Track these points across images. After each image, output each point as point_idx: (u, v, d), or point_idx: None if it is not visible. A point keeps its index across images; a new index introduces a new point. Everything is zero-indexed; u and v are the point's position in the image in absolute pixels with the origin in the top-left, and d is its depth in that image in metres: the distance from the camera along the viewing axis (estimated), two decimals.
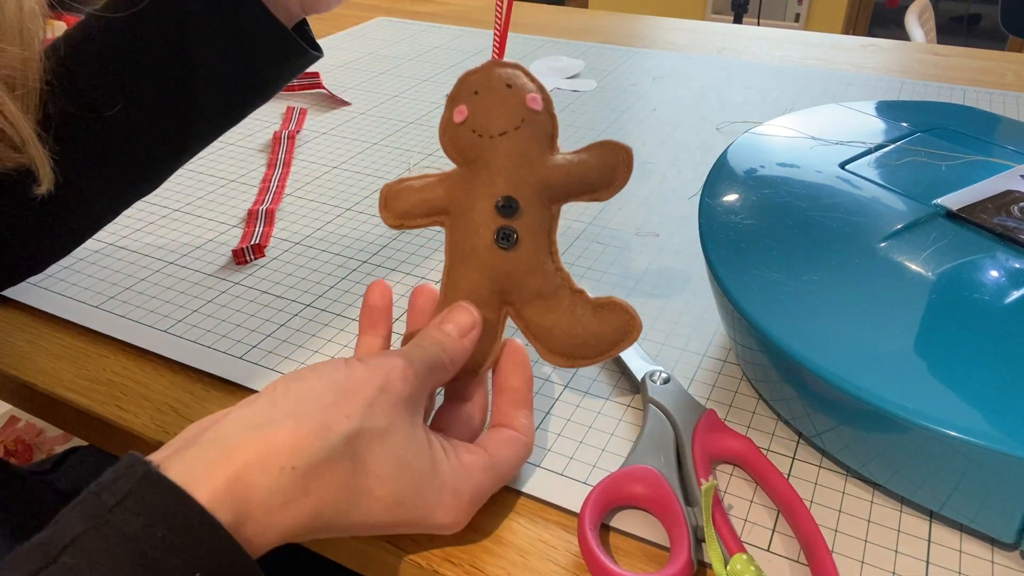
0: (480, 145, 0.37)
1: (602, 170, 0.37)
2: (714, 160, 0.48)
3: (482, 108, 0.37)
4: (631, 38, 1.02)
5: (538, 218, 0.37)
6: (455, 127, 0.37)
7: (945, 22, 3.70)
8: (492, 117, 0.37)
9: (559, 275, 0.37)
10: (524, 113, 0.37)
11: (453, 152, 0.38)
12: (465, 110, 0.37)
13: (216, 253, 0.55)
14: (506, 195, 0.36)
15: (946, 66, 0.90)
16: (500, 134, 0.36)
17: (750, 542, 0.33)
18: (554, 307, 0.37)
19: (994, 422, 0.30)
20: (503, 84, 0.37)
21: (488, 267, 0.36)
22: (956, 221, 0.41)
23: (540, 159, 0.37)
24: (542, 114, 0.37)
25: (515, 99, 0.37)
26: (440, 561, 0.33)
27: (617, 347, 0.37)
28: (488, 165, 0.37)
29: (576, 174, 0.37)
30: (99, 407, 0.42)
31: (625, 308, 0.37)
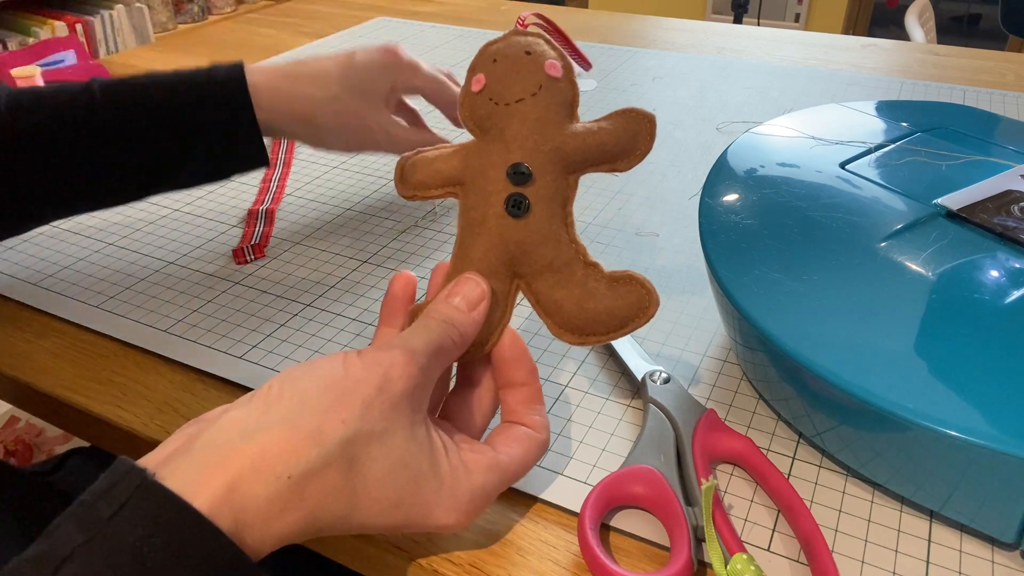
0: (497, 113, 0.36)
1: (622, 138, 0.36)
2: (714, 160, 0.48)
3: (499, 75, 0.36)
4: (631, 38, 1.02)
5: (552, 186, 0.35)
6: (473, 96, 0.36)
7: (945, 22, 3.70)
8: (509, 84, 0.36)
9: (573, 247, 0.35)
10: (542, 79, 0.35)
11: (471, 123, 0.37)
12: (483, 78, 0.36)
13: (216, 253, 0.55)
14: (517, 161, 0.35)
15: (946, 66, 0.90)
16: (517, 101, 0.35)
17: (750, 542, 0.33)
18: (566, 280, 0.35)
19: (994, 422, 0.30)
20: (522, 51, 0.36)
21: (498, 236, 0.35)
22: (956, 221, 0.41)
23: (557, 126, 0.36)
24: (562, 81, 0.36)
25: (533, 65, 0.36)
26: (440, 561, 0.33)
27: (632, 324, 0.35)
28: (503, 133, 0.35)
29: (594, 142, 0.36)
30: (99, 407, 0.42)
31: (642, 282, 0.35)
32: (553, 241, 0.35)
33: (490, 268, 0.35)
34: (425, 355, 0.32)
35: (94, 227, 0.58)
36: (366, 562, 0.36)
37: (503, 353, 0.35)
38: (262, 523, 0.27)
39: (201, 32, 1.08)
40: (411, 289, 0.37)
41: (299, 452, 0.27)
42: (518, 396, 0.35)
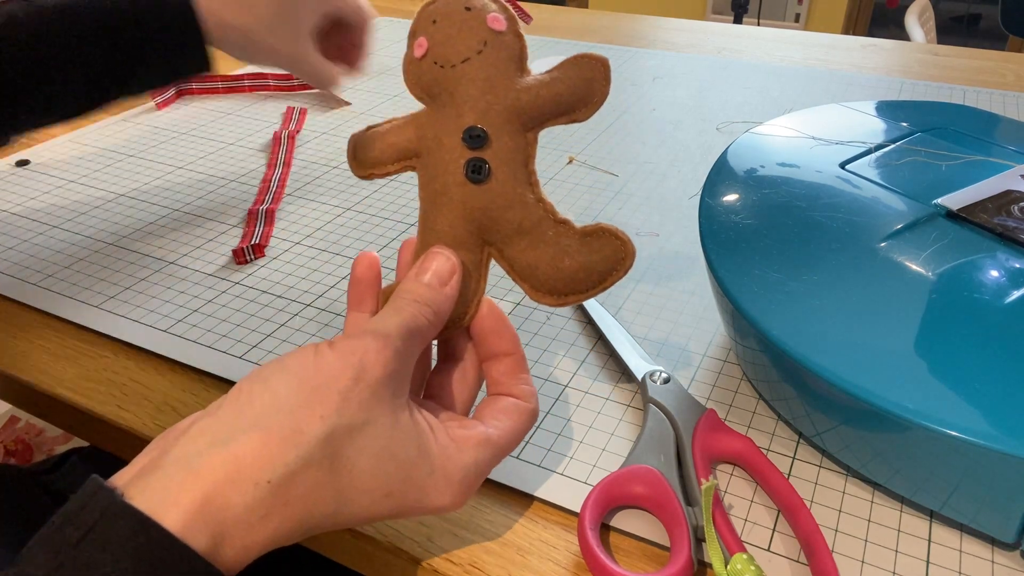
0: (444, 77, 0.34)
1: (576, 86, 0.34)
2: (714, 160, 0.48)
3: (441, 37, 0.34)
4: (631, 38, 1.02)
5: (511, 146, 0.34)
6: (417, 63, 0.35)
7: (945, 22, 3.70)
8: (452, 44, 0.34)
9: (541, 206, 0.34)
10: (486, 35, 0.34)
11: (418, 90, 0.35)
12: (425, 42, 0.35)
13: (216, 253, 0.55)
14: (471, 125, 0.34)
15: (946, 66, 0.90)
16: (463, 61, 0.34)
17: (750, 542, 0.33)
18: (537, 241, 0.33)
19: (994, 422, 0.30)
20: (461, 7, 0.34)
21: (461, 205, 0.34)
22: (956, 221, 0.41)
23: (508, 83, 0.34)
24: (507, 34, 0.34)
25: (475, 21, 0.34)
26: (440, 561, 0.33)
27: (610, 278, 0.33)
28: (453, 96, 0.34)
29: (548, 94, 0.34)
30: (99, 407, 0.42)
31: (615, 233, 0.33)
32: (519, 203, 0.34)
33: (458, 239, 0.34)
34: (400, 338, 0.30)
35: (94, 227, 0.58)
36: (366, 562, 0.36)
37: (483, 325, 0.34)
38: (244, 532, 0.26)
39: None
40: (375, 270, 0.35)
41: (276, 456, 0.26)
42: (502, 367, 0.34)
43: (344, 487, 0.28)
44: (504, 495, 0.36)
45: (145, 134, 0.74)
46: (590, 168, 0.66)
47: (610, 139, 0.72)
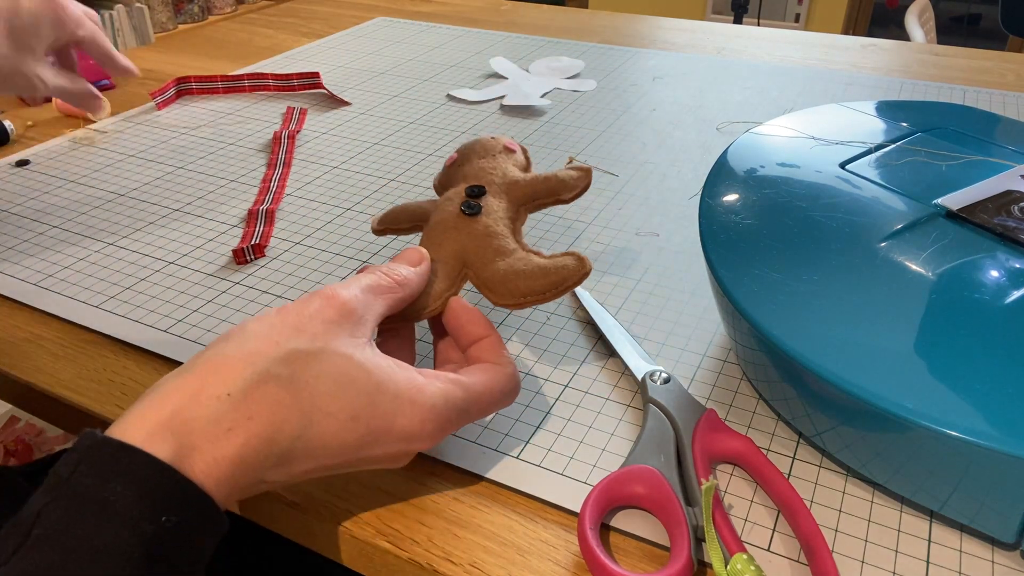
0: (461, 172, 0.45)
1: (563, 179, 0.43)
2: (714, 160, 0.48)
3: (467, 151, 0.46)
4: (631, 38, 1.02)
5: (502, 206, 0.42)
6: (445, 170, 0.47)
7: (945, 22, 3.70)
8: (474, 152, 0.46)
9: (519, 245, 0.41)
10: (501, 150, 0.46)
11: (440, 188, 0.46)
12: (455, 155, 0.47)
13: (216, 253, 0.55)
14: (473, 184, 0.43)
15: (946, 66, 0.90)
16: (479, 159, 0.45)
17: (750, 542, 0.33)
18: (508, 262, 0.39)
19: (994, 422, 0.30)
20: (487, 137, 0.47)
21: (453, 229, 0.41)
22: (956, 221, 0.41)
23: (510, 170, 0.44)
24: (517, 153, 0.46)
25: (494, 143, 0.46)
26: (440, 561, 0.33)
27: (565, 284, 0.38)
28: (465, 177, 0.44)
29: (539, 180, 0.43)
30: (99, 407, 0.42)
31: (575, 253, 0.39)
32: (500, 236, 0.40)
33: (443, 254, 0.40)
34: (358, 288, 0.34)
35: (94, 227, 0.58)
36: (366, 561, 0.36)
37: (458, 317, 0.38)
38: (211, 445, 0.27)
39: (201, 32, 1.08)
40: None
41: (235, 372, 0.29)
42: (480, 348, 0.37)
43: (307, 408, 0.29)
44: (504, 495, 0.36)
45: (145, 134, 0.74)
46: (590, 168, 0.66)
47: (610, 139, 0.72)
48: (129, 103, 0.82)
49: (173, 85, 0.81)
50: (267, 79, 0.83)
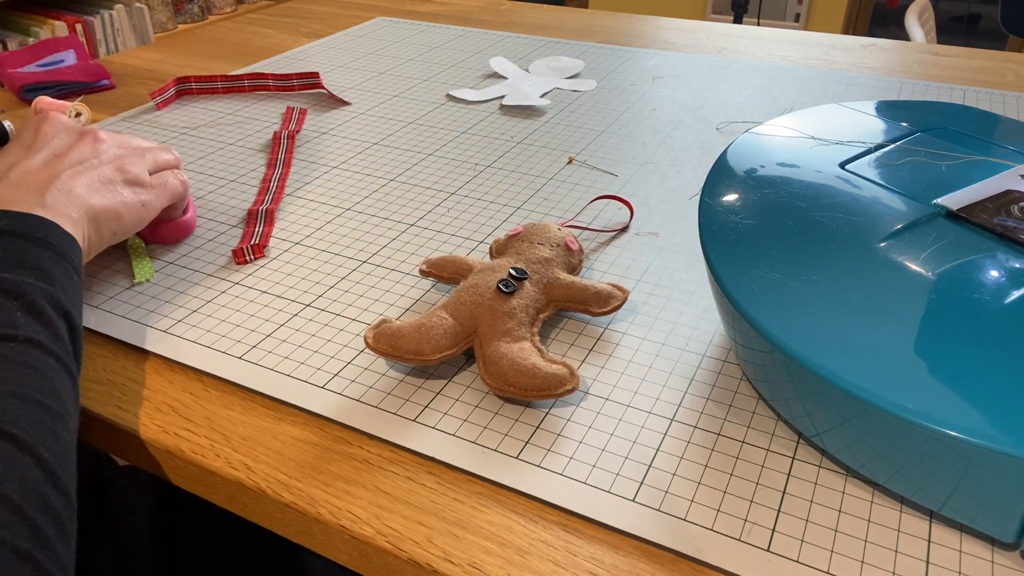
0: (519, 245, 0.48)
1: (600, 295, 0.45)
2: (714, 160, 0.48)
3: (532, 230, 0.49)
4: (631, 38, 1.02)
5: (535, 296, 0.44)
6: (508, 238, 0.50)
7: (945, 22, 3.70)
8: (536, 234, 0.49)
9: (529, 335, 0.42)
10: (560, 244, 0.48)
11: (495, 253, 0.49)
12: (520, 229, 0.49)
13: (216, 253, 0.55)
14: (520, 266, 0.46)
15: (946, 66, 0.90)
16: (538, 243, 0.48)
17: (750, 542, 0.33)
18: (511, 346, 0.41)
19: (994, 422, 0.30)
20: (557, 228, 0.50)
21: (480, 297, 0.43)
22: (956, 221, 0.41)
23: (556, 268, 0.47)
24: (574, 253, 0.49)
25: (557, 235, 0.49)
26: (440, 561, 0.33)
27: (546, 391, 0.39)
28: (519, 252, 0.47)
29: (578, 287, 0.45)
30: (99, 407, 0.42)
31: (571, 368, 0.40)
32: (516, 321, 0.42)
33: (462, 316, 0.43)
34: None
35: None
36: (365, 561, 0.36)
37: None
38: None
39: (201, 32, 1.08)
40: None
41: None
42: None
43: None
44: (504, 495, 0.36)
45: (145, 134, 0.74)
46: (590, 168, 0.66)
47: (610, 139, 0.72)
48: (129, 103, 0.82)
49: (173, 85, 0.81)
50: (267, 79, 0.83)
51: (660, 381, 0.42)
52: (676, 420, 0.40)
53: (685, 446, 0.38)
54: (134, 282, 0.51)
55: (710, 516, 0.35)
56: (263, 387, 0.42)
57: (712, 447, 0.38)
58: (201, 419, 0.41)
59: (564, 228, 0.50)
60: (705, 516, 0.35)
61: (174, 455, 0.39)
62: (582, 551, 0.34)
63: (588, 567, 0.33)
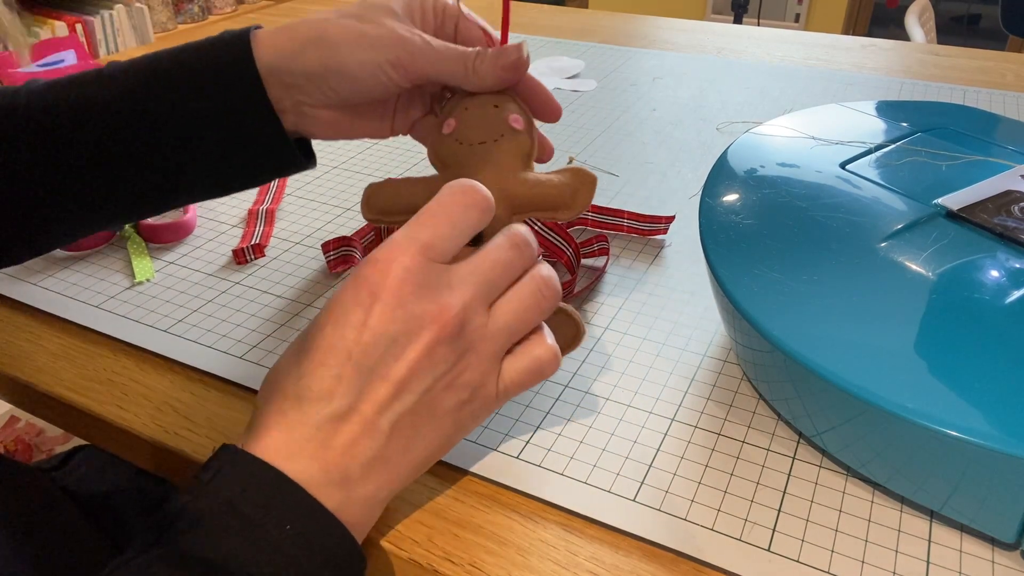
0: (460, 152, 0.40)
1: (563, 193, 0.39)
2: (714, 160, 0.48)
3: (468, 120, 0.40)
4: (631, 38, 1.02)
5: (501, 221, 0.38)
6: (442, 137, 0.41)
7: (945, 22, 3.70)
8: (474, 128, 0.40)
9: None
10: (505, 129, 0.40)
11: (436, 160, 0.41)
12: (454, 123, 0.40)
13: (216, 253, 0.55)
14: None
15: (946, 66, 0.90)
16: (479, 143, 0.39)
17: (751, 542, 0.33)
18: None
19: (994, 422, 0.30)
20: (491, 104, 0.40)
21: None
22: (956, 221, 0.41)
23: (511, 171, 0.39)
24: (522, 133, 0.40)
25: (498, 117, 0.40)
26: (440, 561, 0.33)
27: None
28: (463, 169, 0.39)
29: (538, 192, 0.39)
30: (99, 407, 0.42)
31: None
32: None
33: None
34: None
35: None
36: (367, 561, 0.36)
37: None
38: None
39: (201, 32, 1.08)
40: None
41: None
42: None
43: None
44: (504, 495, 0.36)
45: None
46: (590, 168, 0.66)
47: (610, 139, 0.72)
48: None
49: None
50: None
51: (660, 381, 0.42)
52: (676, 420, 0.40)
53: (685, 446, 0.38)
54: (134, 282, 0.51)
55: (710, 516, 0.35)
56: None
57: (712, 447, 0.38)
58: (201, 419, 0.41)
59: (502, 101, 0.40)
60: (705, 516, 0.35)
61: (174, 455, 0.39)
62: (582, 551, 0.34)
63: (588, 567, 0.33)
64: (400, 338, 0.31)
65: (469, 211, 0.34)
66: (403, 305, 0.31)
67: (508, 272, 0.34)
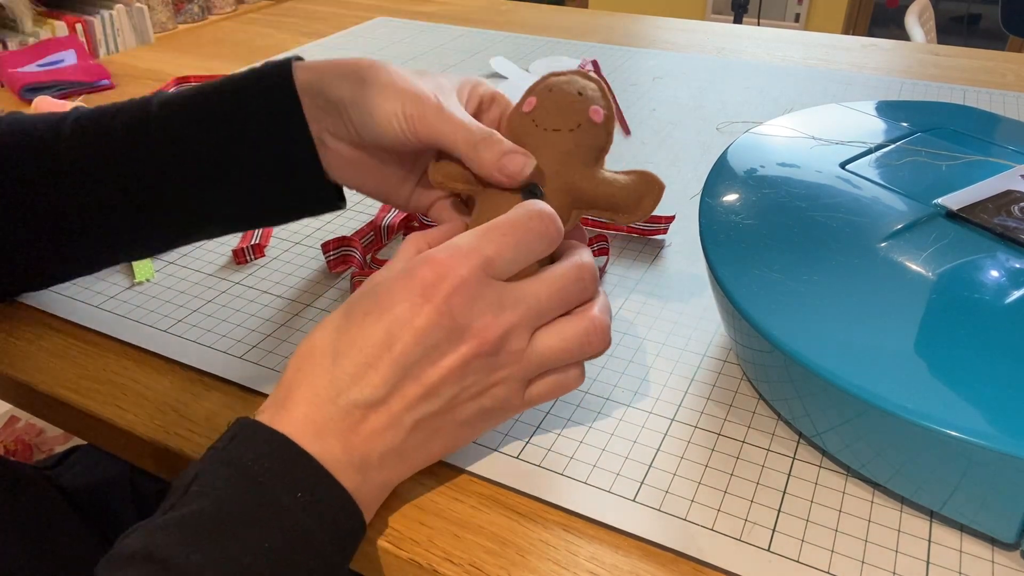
0: (534, 133, 0.39)
1: (630, 196, 0.39)
2: (714, 160, 0.48)
3: (548, 104, 0.39)
4: (631, 38, 1.02)
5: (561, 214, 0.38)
6: (521, 115, 0.40)
7: (945, 22, 3.70)
8: (553, 113, 0.39)
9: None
10: (583, 120, 0.39)
11: (508, 135, 0.39)
12: (534, 101, 0.40)
13: (216, 253, 0.55)
14: (535, 184, 0.38)
15: (946, 66, 0.90)
16: (554, 130, 0.39)
17: (751, 542, 0.33)
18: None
19: (994, 422, 0.30)
20: (575, 90, 0.39)
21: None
22: (956, 221, 0.41)
23: (579, 164, 0.39)
24: (600, 127, 0.39)
25: (580, 105, 0.39)
26: (440, 561, 0.33)
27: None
28: (533, 152, 0.38)
29: (604, 191, 0.39)
30: (99, 407, 0.42)
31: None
32: None
33: None
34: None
35: None
36: (365, 561, 0.36)
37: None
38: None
39: (201, 32, 1.08)
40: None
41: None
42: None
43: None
44: (504, 495, 0.36)
45: None
46: None
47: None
48: None
49: (173, 85, 0.81)
50: None
51: (660, 381, 0.42)
52: (676, 420, 0.40)
53: (685, 446, 0.38)
54: (134, 282, 0.51)
55: (710, 516, 0.35)
56: (264, 387, 0.42)
57: (712, 447, 0.38)
58: (201, 419, 0.41)
59: (587, 89, 0.40)
60: (705, 516, 0.35)
61: (174, 455, 0.39)
62: (582, 551, 0.34)
63: (588, 567, 0.33)
64: (441, 345, 0.32)
65: (538, 240, 0.34)
66: (451, 314, 0.32)
67: (563, 303, 0.35)
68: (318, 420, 0.31)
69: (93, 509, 0.55)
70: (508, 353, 0.33)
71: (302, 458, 0.30)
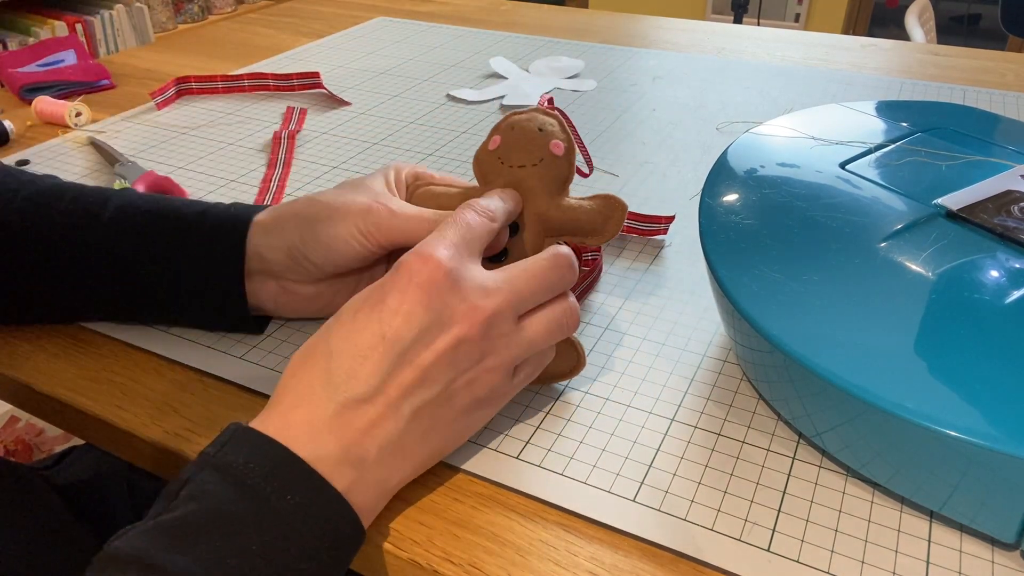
0: (500, 171, 0.42)
1: (595, 220, 0.41)
2: (714, 160, 0.48)
3: (512, 142, 0.42)
4: (631, 38, 1.02)
5: (530, 242, 0.41)
6: (487, 152, 0.43)
7: (945, 22, 3.70)
8: (517, 150, 0.42)
9: None
10: (545, 154, 0.41)
11: (478, 173, 0.43)
12: (498, 140, 0.42)
13: None
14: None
15: (946, 66, 0.90)
16: (519, 166, 0.41)
17: (750, 542, 0.33)
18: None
19: (994, 422, 0.30)
20: (536, 127, 0.42)
21: None
22: (956, 221, 0.41)
23: (546, 195, 0.41)
24: (562, 159, 0.42)
25: (541, 140, 0.42)
26: (440, 561, 0.33)
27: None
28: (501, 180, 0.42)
29: (571, 217, 0.41)
30: (99, 407, 0.42)
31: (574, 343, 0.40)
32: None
33: None
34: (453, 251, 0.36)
35: None
36: (365, 561, 0.36)
37: None
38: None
39: (201, 32, 1.08)
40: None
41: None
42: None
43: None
44: (504, 495, 0.36)
45: (145, 134, 0.74)
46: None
47: (610, 139, 0.72)
48: (129, 103, 0.82)
49: (173, 85, 0.81)
50: (267, 79, 0.83)
51: (660, 381, 0.42)
52: (676, 420, 0.40)
53: (685, 446, 0.38)
54: None
55: (710, 516, 0.35)
56: (264, 387, 0.42)
57: (712, 447, 0.38)
58: (202, 419, 0.41)
59: (547, 125, 0.42)
60: (705, 516, 0.35)
61: (174, 455, 0.39)
62: (582, 551, 0.34)
63: (588, 567, 0.33)
64: (432, 328, 0.33)
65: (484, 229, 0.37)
66: (440, 295, 0.33)
67: (545, 291, 0.36)
68: (313, 420, 0.32)
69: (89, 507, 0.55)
70: (497, 336, 0.34)
71: (293, 462, 0.30)
